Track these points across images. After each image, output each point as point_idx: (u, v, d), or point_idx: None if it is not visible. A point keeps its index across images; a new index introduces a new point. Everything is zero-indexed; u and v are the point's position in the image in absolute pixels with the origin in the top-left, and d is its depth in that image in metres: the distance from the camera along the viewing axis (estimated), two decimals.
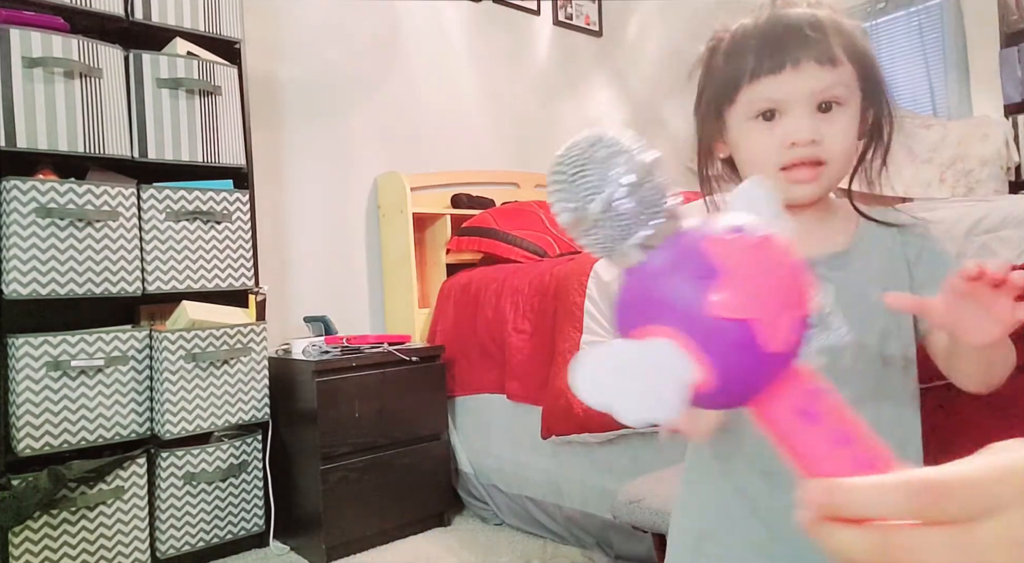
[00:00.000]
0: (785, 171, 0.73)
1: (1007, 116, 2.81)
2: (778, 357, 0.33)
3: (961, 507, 0.30)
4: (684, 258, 0.34)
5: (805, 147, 0.71)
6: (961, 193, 2.71)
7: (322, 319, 2.39)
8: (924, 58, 3.29)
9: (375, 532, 2.07)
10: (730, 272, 0.33)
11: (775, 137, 0.72)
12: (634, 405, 0.31)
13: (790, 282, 0.34)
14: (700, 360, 0.32)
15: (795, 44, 0.71)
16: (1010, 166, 2.71)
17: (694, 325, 0.33)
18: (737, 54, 0.74)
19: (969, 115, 3.13)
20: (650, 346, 0.33)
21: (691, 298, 0.33)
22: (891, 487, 0.31)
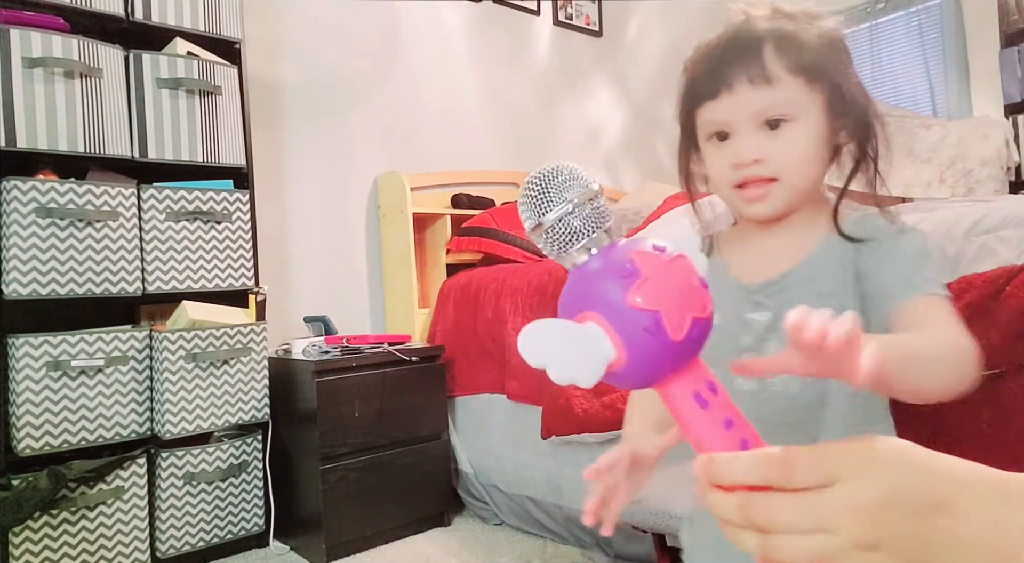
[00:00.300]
0: (738, 189, 0.74)
1: (1007, 116, 2.81)
2: (680, 346, 0.42)
3: (805, 477, 0.37)
4: (613, 262, 0.43)
5: (749, 167, 0.71)
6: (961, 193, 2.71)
7: (322, 319, 2.39)
8: (924, 58, 3.29)
9: (375, 532, 2.07)
10: (647, 276, 0.42)
11: (725, 157, 0.73)
12: (563, 368, 0.40)
13: (692, 292, 0.43)
14: (617, 342, 0.41)
15: (729, 67, 0.71)
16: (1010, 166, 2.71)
17: (615, 314, 0.42)
18: (690, 78, 0.76)
19: (969, 115, 3.13)
20: (582, 327, 0.42)
21: (615, 292, 0.42)
22: (750, 460, 0.39)
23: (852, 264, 0.72)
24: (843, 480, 0.37)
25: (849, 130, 0.74)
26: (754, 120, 0.71)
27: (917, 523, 0.37)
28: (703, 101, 0.73)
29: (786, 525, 0.37)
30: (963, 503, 0.37)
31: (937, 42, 3.25)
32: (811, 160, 0.72)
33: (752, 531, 0.38)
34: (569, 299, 0.45)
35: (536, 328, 0.41)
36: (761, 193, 0.72)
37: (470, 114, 3.19)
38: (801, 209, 0.76)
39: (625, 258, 0.43)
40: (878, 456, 0.38)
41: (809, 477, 0.38)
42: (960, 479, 0.38)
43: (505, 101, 3.32)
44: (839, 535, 0.37)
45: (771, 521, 0.38)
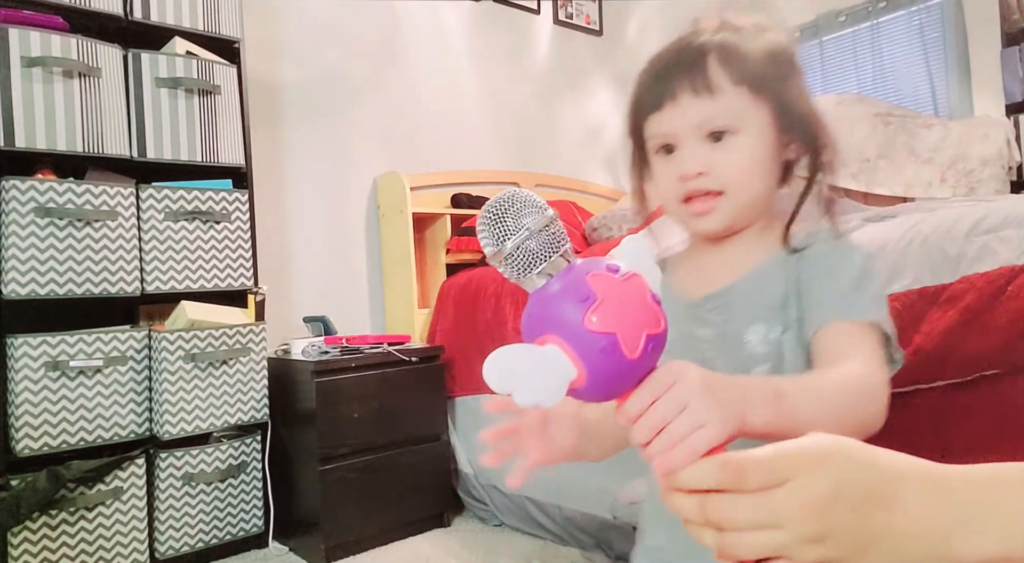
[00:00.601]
0: (685, 204, 0.73)
1: (1008, 115, 2.80)
2: (636, 364, 0.44)
3: (756, 480, 0.40)
4: (570, 286, 0.46)
5: (694, 180, 0.70)
6: (962, 193, 2.71)
7: (322, 319, 2.39)
8: (925, 57, 3.28)
9: (374, 533, 2.06)
10: (602, 298, 0.44)
11: (671, 170, 0.72)
12: (527, 392, 0.43)
13: (646, 309, 0.46)
14: (577, 363, 0.44)
15: (673, 78, 0.70)
16: (1011, 166, 2.70)
17: (573, 336, 0.44)
18: (637, 91, 0.75)
19: (970, 114, 3.12)
20: (543, 350, 0.44)
21: (572, 316, 0.44)
22: (706, 467, 0.42)
23: (795, 277, 0.71)
24: (792, 479, 0.40)
25: (798, 144, 0.73)
26: (698, 131, 0.70)
27: (859, 516, 0.39)
28: (649, 113, 0.73)
29: (740, 523, 0.40)
30: (900, 495, 0.40)
31: (938, 41, 3.24)
32: (757, 173, 0.71)
33: (710, 529, 0.41)
34: (530, 322, 0.47)
35: (499, 355, 0.44)
36: (707, 207, 0.71)
37: (470, 114, 3.18)
38: (752, 226, 0.75)
39: (581, 281, 0.46)
40: (824, 454, 0.41)
41: (760, 480, 0.40)
42: (897, 472, 0.41)
43: (505, 101, 3.32)
44: (789, 530, 0.39)
45: (726, 519, 0.41)
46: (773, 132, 0.71)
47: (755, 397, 0.50)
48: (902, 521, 0.39)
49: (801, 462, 0.41)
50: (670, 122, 0.71)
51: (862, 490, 0.40)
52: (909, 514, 0.39)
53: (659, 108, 0.71)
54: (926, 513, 0.39)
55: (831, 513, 0.39)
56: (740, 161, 0.70)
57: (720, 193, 0.70)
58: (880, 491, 0.40)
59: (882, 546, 0.40)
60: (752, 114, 0.70)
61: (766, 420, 0.50)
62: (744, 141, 0.70)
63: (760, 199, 0.73)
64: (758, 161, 0.71)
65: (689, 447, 0.44)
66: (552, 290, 0.47)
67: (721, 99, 0.69)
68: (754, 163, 0.70)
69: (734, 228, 0.74)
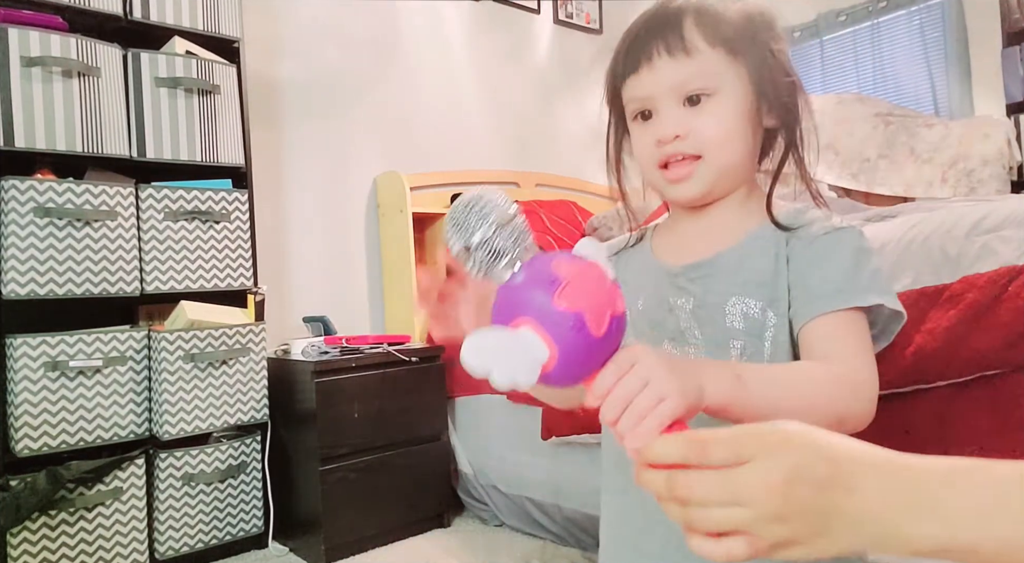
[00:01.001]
0: (663, 170, 0.72)
1: (1009, 115, 2.80)
2: (602, 342, 0.48)
3: (719, 456, 0.42)
4: (537, 273, 0.49)
5: (671, 143, 0.69)
6: (963, 193, 2.70)
7: (321, 319, 2.39)
8: (925, 57, 3.28)
9: (374, 533, 2.06)
10: (567, 281, 0.48)
11: (648, 135, 0.71)
12: (503, 373, 0.46)
13: (607, 292, 0.49)
14: (548, 342, 0.47)
15: (648, 39, 0.69)
16: (1012, 165, 2.70)
17: (544, 316, 0.47)
18: (615, 56, 0.74)
19: (971, 114, 3.12)
20: (518, 332, 0.47)
21: (542, 299, 0.47)
22: (672, 440, 0.45)
23: (784, 256, 0.70)
24: (755, 459, 0.42)
25: (775, 111, 0.71)
26: (675, 94, 0.69)
27: (819, 497, 0.41)
28: (626, 77, 0.72)
29: (703, 498, 0.42)
30: (858, 479, 0.41)
31: (939, 41, 3.24)
32: (734, 136, 0.69)
33: (677, 503, 0.44)
34: (500, 310, 0.50)
35: (476, 338, 0.46)
36: (685, 172, 0.70)
37: (470, 114, 3.18)
38: (733, 195, 0.74)
39: (547, 268, 0.49)
40: (787, 438, 0.43)
41: (723, 456, 0.43)
42: (856, 458, 0.43)
43: (505, 101, 3.31)
44: (750, 508, 0.41)
45: (690, 495, 0.43)
46: (751, 96, 0.70)
47: (713, 375, 0.53)
48: (859, 504, 0.41)
49: (764, 443, 0.43)
50: (646, 84, 0.70)
51: (821, 473, 0.41)
52: (866, 498, 0.41)
53: (636, 70, 0.70)
54: (882, 497, 0.41)
55: (792, 494, 0.41)
56: (717, 123, 0.68)
57: (698, 157, 0.69)
58: (839, 475, 0.41)
59: (840, 527, 0.41)
60: (729, 76, 0.69)
61: (725, 398, 0.53)
62: (721, 103, 0.69)
63: (738, 164, 0.71)
64: (736, 124, 0.69)
65: (654, 419, 0.47)
66: (520, 279, 0.50)
67: (697, 60, 0.68)
68: (732, 126, 0.69)
69: (713, 195, 0.72)
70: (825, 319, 0.64)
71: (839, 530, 0.41)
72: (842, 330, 0.64)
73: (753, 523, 0.41)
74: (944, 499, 0.40)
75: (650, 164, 0.72)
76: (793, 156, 0.72)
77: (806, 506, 0.41)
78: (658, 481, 0.45)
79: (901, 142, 2.98)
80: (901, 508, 0.41)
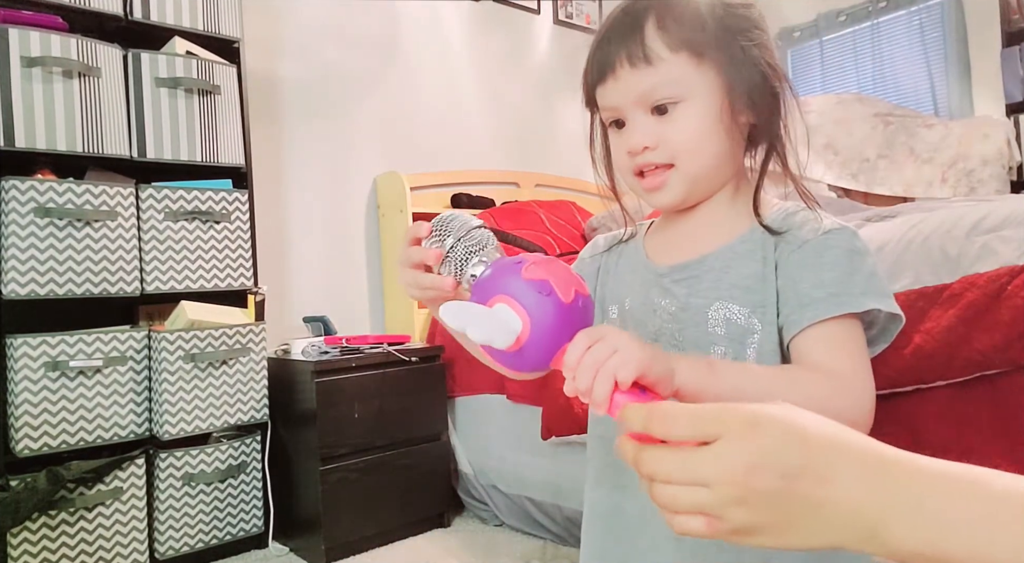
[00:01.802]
0: (638, 178, 0.71)
1: (1009, 115, 2.80)
2: (571, 311, 0.53)
3: (683, 432, 0.42)
4: (505, 262, 0.57)
5: (641, 154, 0.68)
6: (963, 193, 2.71)
7: (321, 319, 2.39)
8: (925, 57, 3.28)
9: (374, 533, 2.06)
10: (533, 261, 0.54)
11: (622, 144, 0.70)
12: (480, 329, 0.52)
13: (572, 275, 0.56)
14: (520, 313, 0.52)
15: (610, 49, 0.67)
16: (1012, 165, 2.70)
17: (515, 288, 0.53)
18: (588, 60, 0.72)
19: (970, 114, 3.12)
20: (492, 309, 0.53)
21: (511, 274, 0.54)
22: (639, 410, 0.45)
23: (773, 261, 0.67)
24: (722, 439, 0.40)
25: (751, 108, 0.68)
26: (641, 104, 0.67)
27: (787, 486, 0.39)
28: (595, 86, 0.70)
29: (666, 475, 0.42)
30: (834, 470, 0.39)
31: (938, 41, 3.25)
32: (706, 141, 0.67)
33: (645, 478, 0.43)
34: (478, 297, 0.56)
35: (455, 304, 0.53)
36: (658, 182, 0.69)
37: (470, 114, 3.18)
38: (719, 195, 0.72)
39: (512, 258, 0.56)
40: (757, 420, 0.41)
41: (685, 432, 0.42)
42: (836, 447, 0.40)
43: (505, 101, 3.32)
44: (713, 490, 0.40)
45: (655, 470, 0.42)
46: (722, 96, 0.66)
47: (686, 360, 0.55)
48: (834, 496, 0.38)
49: (731, 423, 0.41)
50: (612, 95, 0.68)
51: (792, 460, 0.39)
52: (842, 491, 0.38)
53: (602, 80, 0.69)
54: (860, 493, 0.38)
55: (755, 480, 0.39)
56: (686, 131, 0.66)
57: (670, 166, 0.68)
58: (811, 464, 0.39)
59: (811, 519, 0.39)
60: (696, 81, 0.66)
61: (696, 384, 0.54)
62: (690, 110, 0.66)
63: (713, 168, 0.69)
64: (706, 129, 0.66)
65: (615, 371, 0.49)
66: (489, 272, 0.57)
67: (661, 68, 0.65)
68: (702, 132, 0.66)
69: (691, 200, 0.71)
70: (818, 327, 0.62)
71: (808, 523, 0.39)
72: (836, 337, 0.62)
73: (716, 505, 0.40)
74: (930, 503, 0.37)
75: (627, 172, 0.72)
76: (777, 153, 0.70)
77: (771, 494, 0.39)
78: (628, 452, 0.44)
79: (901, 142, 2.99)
80: (879, 506, 0.38)
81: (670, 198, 0.70)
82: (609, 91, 0.68)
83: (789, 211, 0.70)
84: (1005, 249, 1.14)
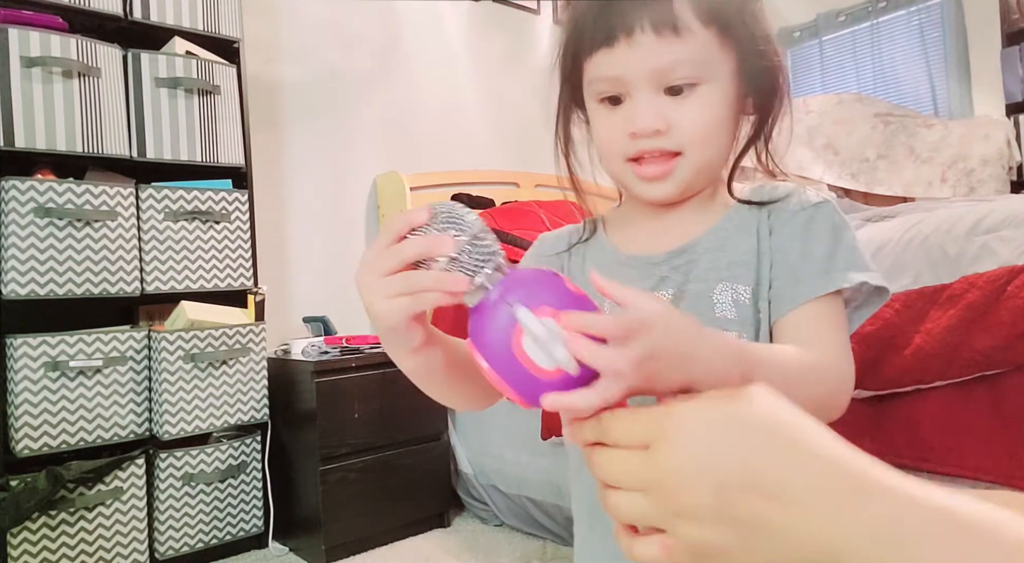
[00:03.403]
0: (633, 164, 0.61)
1: (1008, 115, 2.80)
2: None
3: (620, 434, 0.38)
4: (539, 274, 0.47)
5: (649, 138, 0.59)
6: (962, 193, 2.71)
7: (321, 319, 2.39)
8: (925, 57, 3.28)
9: (375, 533, 2.06)
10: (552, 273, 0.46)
11: (618, 124, 0.60)
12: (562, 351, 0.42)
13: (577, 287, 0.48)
14: None
15: (629, 7, 0.56)
16: (1012, 166, 2.70)
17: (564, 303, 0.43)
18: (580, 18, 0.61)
19: (970, 114, 3.12)
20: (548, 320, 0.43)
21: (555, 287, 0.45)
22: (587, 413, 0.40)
23: (767, 231, 0.62)
24: (664, 440, 0.36)
25: (756, 98, 0.62)
26: (655, 80, 0.57)
27: (738, 500, 0.33)
28: (594, 50, 0.59)
29: (612, 480, 0.38)
30: (790, 484, 0.33)
31: (938, 41, 3.25)
32: (719, 131, 0.60)
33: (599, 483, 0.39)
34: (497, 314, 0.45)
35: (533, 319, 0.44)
36: (662, 171, 0.60)
37: (470, 114, 3.18)
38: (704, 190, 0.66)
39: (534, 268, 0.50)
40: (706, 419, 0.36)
41: (624, 435, 0.38)
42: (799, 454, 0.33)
43: (505, 101, 3.31)
44: (654, 498, 0.36)
45: (601, 474, 0.39)
46: (737, 83, 0.60)
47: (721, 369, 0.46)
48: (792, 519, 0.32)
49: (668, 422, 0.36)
50: (622, 64, 0.58)
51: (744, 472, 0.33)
52: (797, 508, 0.32)
53: (609, 44, 0.57)
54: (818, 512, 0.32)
55: (687, 490, 0.34)
56: (701, 117, 0.58)
57: (677, 154, 0.60)
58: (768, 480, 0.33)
59: (764, 540, 0.33)
60: (718, 62, 0.58)
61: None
62: (707, 94, 0.58)
63: (717, 160, 0.63)
64: (721, 118, 0.60)
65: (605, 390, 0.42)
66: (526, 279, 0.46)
67: (689, 42, 0.56)
68: (716, 121, 0.60)
69: (688, 193, 0.64)
70: (809, 304, 0.59)
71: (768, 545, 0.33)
72: (823, 315, 0.59)
73: (661, 517, 0.35)
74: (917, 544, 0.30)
75: (617, 156, 0.62)
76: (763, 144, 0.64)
77: (709, 508, 0.34)
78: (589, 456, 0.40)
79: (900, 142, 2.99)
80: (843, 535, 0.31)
81: (669, 190, 0.62)
82: (617, 59, 0.57)
83: (773, 185, 0.65)
84: (1005, 249, 1.14)
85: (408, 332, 0.50)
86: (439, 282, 0.45)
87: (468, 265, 0.45)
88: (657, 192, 0.62)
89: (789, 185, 0.64)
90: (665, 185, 0.61)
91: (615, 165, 0.63)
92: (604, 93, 0.61)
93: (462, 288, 0.45)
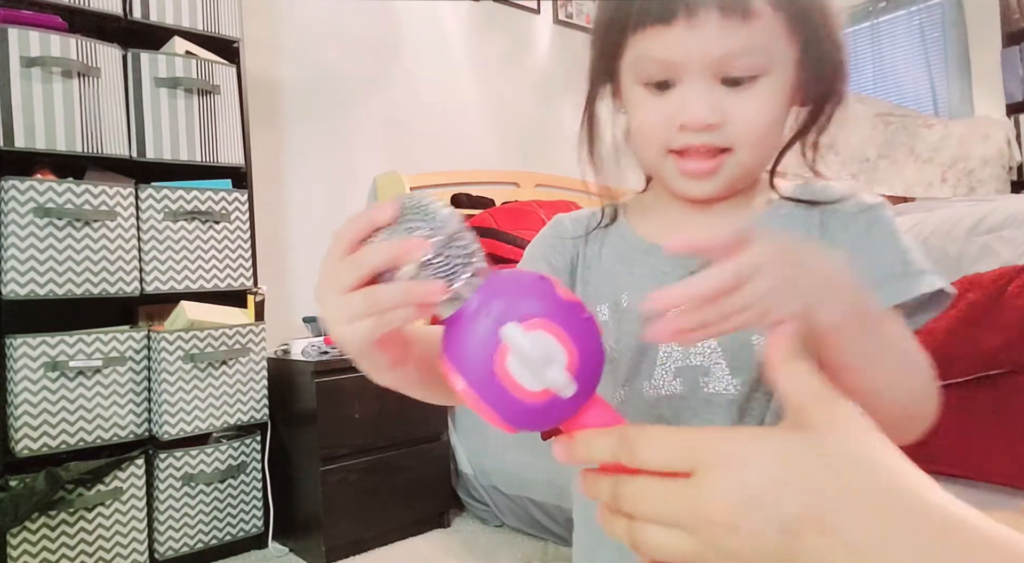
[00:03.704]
0: (676, 156, 0.55)
1: (1009, 115, 2.80)
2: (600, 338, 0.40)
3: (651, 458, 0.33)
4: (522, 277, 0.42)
5: (700, 132, 0.52)
6: (963, 193, 2.71)
7: None
8: (925, 57, 3.29)
9: (375, 533, 2.06)
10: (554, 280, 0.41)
11: (664, 112, 0.53)
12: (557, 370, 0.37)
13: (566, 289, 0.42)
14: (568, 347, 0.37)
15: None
16: (1012, 166, 2.70)
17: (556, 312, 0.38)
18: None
19: (971, 114, 3.13)
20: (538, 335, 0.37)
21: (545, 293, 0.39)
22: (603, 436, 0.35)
23: (818, 229, 0.57)
24: (715, 468, 0.32)
25: (812, 91, 0.56)
26: (713, 67, 0.51)
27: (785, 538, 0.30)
28: (644, 26, 0.52)
29: (649, 513, 0.33)
30: (842, 518, 0.30)
31: (938, 41, 3.25)
32: (770, 130, 0.55)
33: (623, 517, 0.34)
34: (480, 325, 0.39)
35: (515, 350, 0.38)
36: (707, 168, 0.54)
37: (470, 114, 3.18)
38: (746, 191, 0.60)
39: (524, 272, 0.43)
40: (752, 450, 0.32)
41: (658, 457, 0.33)
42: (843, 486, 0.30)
43: (505, 101, 3.31)
44: (695, 534, 0.32)
45: (635, 507, 0.34)
46: (796, 75, 0.54)
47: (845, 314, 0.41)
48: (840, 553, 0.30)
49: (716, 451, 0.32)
50: (675, 46, 0.51)
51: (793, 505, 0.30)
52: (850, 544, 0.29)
53: (665, 21, 0.50)
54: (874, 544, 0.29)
55: (747, 525, 0.30)
56: (759, 115, 0.52)
57: (726, 150, 0.54)
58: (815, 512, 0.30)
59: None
60: (782, 52, 0.52)
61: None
62: (768, 88, 0.52)
63: (766, 160, 0.58)
64: (777, 116, 0.54)
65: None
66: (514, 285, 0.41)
67: (757, 28, 0.50)
68: (773, 118, 0.54)
69: (731, 192, 0.58)
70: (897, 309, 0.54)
71: None
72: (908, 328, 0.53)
73: (699, 555, 0.32)
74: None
75: (659, 147, 0.55)
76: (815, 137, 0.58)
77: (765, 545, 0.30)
78: (603, 486, 0.35)
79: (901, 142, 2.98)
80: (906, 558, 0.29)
81: (713, 189, 0.56)
82: (671, 40, 0.51)
83: (824, 183, 0.60)
84: (1005, 249, 1.14)
85: (377, 355, 0.44)
86: (408, 295, 0.38)
87: (443, 269, 0.38)
88: (699, 190, 0.56)
89: (845, 185, 0.58)
90: (709, 183, 0.55)
91: (653, 155, 0.57)
92: (651, 77, 0.53)
93: (435, 298, 0.38)
